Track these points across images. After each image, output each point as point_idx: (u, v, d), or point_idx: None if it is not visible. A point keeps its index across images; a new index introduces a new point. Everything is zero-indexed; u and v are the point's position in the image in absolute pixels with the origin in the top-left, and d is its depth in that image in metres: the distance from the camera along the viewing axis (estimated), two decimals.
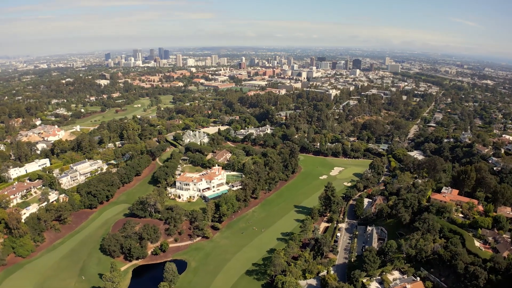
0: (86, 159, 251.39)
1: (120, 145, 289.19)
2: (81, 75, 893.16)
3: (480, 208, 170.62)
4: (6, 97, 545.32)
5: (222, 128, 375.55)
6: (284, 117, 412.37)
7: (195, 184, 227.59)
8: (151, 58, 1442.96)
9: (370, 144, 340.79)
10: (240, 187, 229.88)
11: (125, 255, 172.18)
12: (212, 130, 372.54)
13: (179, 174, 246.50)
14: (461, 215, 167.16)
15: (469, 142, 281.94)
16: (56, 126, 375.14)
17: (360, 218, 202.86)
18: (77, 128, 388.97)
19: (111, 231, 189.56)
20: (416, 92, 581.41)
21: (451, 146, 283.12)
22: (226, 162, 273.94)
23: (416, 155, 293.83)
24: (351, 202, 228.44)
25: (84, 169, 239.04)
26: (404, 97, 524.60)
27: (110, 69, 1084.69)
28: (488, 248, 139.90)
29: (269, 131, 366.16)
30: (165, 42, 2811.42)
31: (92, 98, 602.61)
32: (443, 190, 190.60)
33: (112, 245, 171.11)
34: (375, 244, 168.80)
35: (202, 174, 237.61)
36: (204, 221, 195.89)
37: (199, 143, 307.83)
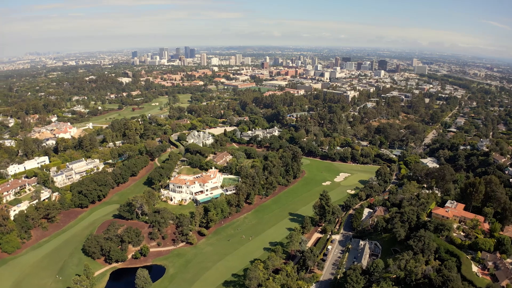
0: (83, 158, 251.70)
1: (121, 145, 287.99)
2: (106, 72, 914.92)
3: (486, 226, 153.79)
4: (29, 93, 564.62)
5: (230, 129, 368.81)
6: (295, 119, 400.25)
7: (188, 187, 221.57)
8: (177, 56, 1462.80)
9: (382, 149, 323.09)
10: (234, 191, 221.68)
11: (105, 257, 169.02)
12: (220, 130, 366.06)
13: (175, 176, 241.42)
14: (462, 233, 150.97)
15: (486, 150, 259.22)
16: (68, 123, 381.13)
17: (356, 230, 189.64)
18: (90, 125, 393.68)
19: (95, 232, 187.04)
20: (440, 95, 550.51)
21: (467, 154, 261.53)
22: (225, 165, 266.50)
23: (429, 162, 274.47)
24: (350, 211, 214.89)
25: (80, 168, 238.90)
26: (427, 100, 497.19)
27: (135, 67, 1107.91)
28: (487, 274, 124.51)
29: (276, 133, 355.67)
30: (193, 41, 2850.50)
31: (112, 96, 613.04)
32: (447, 204, 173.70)
33: (93, 247, 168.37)
34: (365, 260, 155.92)
35: (196, 177, 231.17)
36: (191, 226, 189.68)
37: (201, 144, 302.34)
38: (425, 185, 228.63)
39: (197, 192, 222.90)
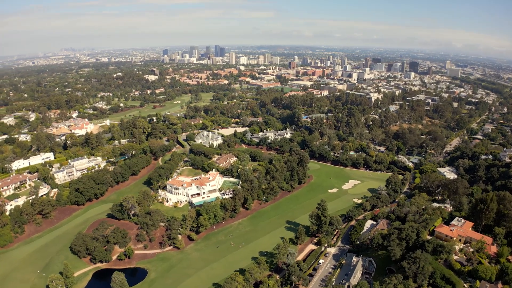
0: (86, 156, 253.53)
1: (126, 143, 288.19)
2: (135, 70, 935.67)
3: (493, 249, 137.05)
4: (57, 88, 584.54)
5: (242, 129, 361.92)
6: (310, 121, 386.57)
7: (184, 189, 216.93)
8: (207, 55, 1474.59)
9: (399, 156, 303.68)
10: (231, 195, 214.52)
11: (90, 257, 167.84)
12: (232, 131, 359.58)
13: (174, 177, 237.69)
14: (465, 256, 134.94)
15: (509, 161, 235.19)
16: (86, 120, 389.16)
17: (353, 244, 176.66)
18: (107, 122, 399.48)
19: (85, 231, 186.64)
20: (470, 99, 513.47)
21: (488, 164, 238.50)
22: (229, 167, 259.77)
23: (447, 172, 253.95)
24: (352, 223, 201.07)
25: (81, 165, 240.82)
26: (455, 104, 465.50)
27: (164, 65, 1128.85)
28: None
29: (288, 135, 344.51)
30: (224, 40, 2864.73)
31: (137, 93, 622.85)
32: (453, 222, 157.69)
33: (79, 246, 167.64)
34: (355, 279, 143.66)
35: (194, 179, 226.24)
36: (181, 230, 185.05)
37: (208, 144, 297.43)
38: (438, 197, 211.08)
39: (194, 195, 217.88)
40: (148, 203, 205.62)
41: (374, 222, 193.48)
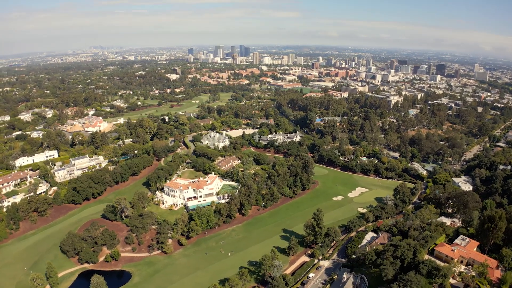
0: (87, 155, 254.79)
1: (130, 143, 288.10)
2: (159, 68, 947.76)
3: (497, 274, 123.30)
4: (80, 86, 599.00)
5: (252, 131, 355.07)
6: (323, 124, 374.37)
7: (181, 192, 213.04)
8: (231, 55, 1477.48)
9: (413, 163, 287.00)
10: (227, 200, 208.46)
11: (78, 257, 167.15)
12: (241, 132, 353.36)
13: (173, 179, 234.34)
14: (463, 282, 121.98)
15: None
16: (100, 118, 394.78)
17: (348, 258, 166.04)
18: (121, 121, 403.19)
19: (77, 230, 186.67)
20: (496, 104, 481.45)
21: (506, 175, 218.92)
22: (231, 170, 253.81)
23: (462, 182, 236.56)
24: (352, 234, 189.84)
25: (82, 164, 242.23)
26: (480, 109, 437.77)
27: (188, 64, 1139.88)
28: None
29: (298, 138, 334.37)
30: (250, 39, 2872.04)
31: (157, 92, 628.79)
32: (456, 241, 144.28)
33: (67, 245, 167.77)
34: None
35: (191, 182, 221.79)
36: (172, 234, 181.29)
37: (213, 146, 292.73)
38: (447, 211, 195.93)
39: (190, 198, 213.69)
40: (143, 205, 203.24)
41: (375, 235, 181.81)
